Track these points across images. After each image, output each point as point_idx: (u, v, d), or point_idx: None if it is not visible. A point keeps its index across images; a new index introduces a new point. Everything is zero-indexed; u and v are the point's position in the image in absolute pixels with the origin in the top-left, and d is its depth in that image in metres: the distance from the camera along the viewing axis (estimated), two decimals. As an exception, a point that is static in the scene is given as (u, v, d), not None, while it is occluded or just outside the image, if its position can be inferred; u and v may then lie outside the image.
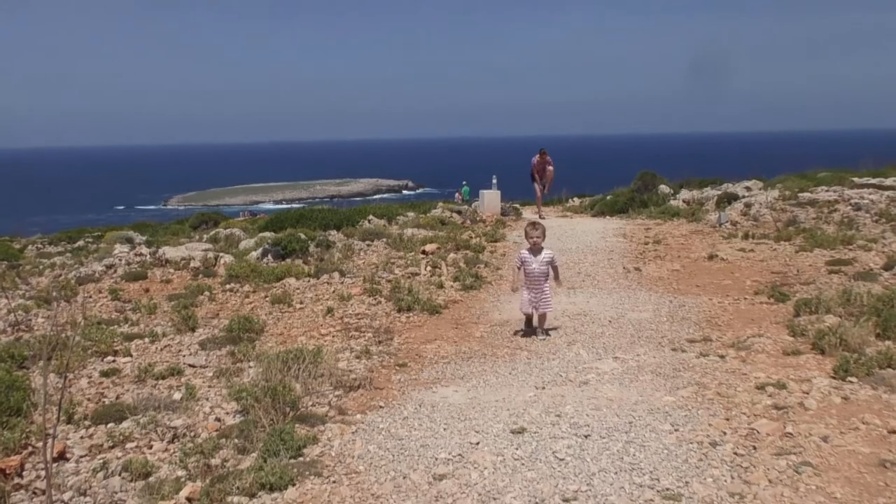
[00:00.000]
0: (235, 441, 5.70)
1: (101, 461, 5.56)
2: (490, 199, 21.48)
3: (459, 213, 20.08)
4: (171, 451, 5.76)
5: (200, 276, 12.89)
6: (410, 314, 9.77)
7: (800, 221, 15.69)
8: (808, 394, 5.99)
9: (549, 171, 21.07)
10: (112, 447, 5.90)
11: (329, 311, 9.93)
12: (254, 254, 14.21)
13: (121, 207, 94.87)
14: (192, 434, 6.08)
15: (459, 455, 5.15)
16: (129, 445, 5.93)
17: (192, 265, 13.62)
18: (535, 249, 8.66)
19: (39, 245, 21.91)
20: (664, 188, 22.98)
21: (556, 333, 8.64)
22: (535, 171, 21.11)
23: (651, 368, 7.07)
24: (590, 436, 5.41)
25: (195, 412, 6.54)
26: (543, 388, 6.65)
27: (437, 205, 22.05)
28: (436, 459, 5.09)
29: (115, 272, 13.52)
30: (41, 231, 28.11)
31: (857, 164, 21.93)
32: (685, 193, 21.76)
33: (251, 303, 10.85)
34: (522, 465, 4.97)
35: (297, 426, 5.70)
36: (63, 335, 8.37)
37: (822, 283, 10.28)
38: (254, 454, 5.35)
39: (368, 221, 17.99)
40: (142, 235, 20.51)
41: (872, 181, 18.08)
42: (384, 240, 15.65)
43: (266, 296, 11.07)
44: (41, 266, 15.38)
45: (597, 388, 6.55)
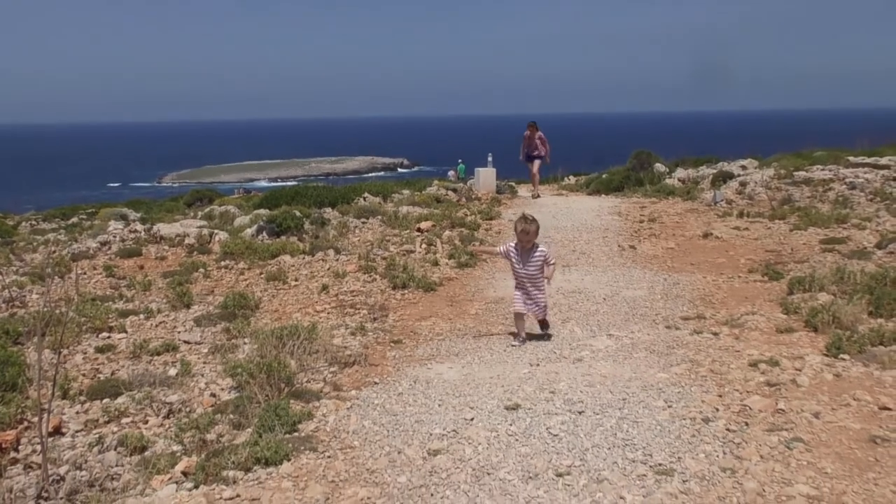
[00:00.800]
0: (231, 416, 5.72)
1: (97, 436, 5.58)
2: (486, 177, 21.43)
3: (455, 191, 20.04)
4: (167, 427, 5.78)
5: (195, 253, 12.88)
6: (405, 291, 9.78)
7: (795, 200, 15.70)
8: (801, 371, 6.02)
9: (541, 145, 20.44)
10: (107, 422, 5.92)
11: (324, 288, 9.94)
12: (249, 231, 14.19)
13: (114, 184, 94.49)
14: (188, 409, 6.10)
15: (454, 431, 5.18)
16: (125, 420, 5.94)
17: (187, 242, 13.60)
18: (524, 248, 7.37)
19: (33, 222, 21.85)
20: (660, 167, 22.94)
21: (551, 311, 8.64)
22: (525, 148, 20.69)
23: (645, 345, 7.10)
24: (583, 412, 5.44)
25: (190, 388, 6.56)
26: (538, 365, 6.67)
27: (433, 182, 21.99)
28: (430, 435, 5.12)
29: (110, 249, 13.49)
30: (35, 208, 28.02)
31: (854, 144, 21.90)
32: (680, 172, 21.73)
33: (246, 280, 10.85)
34: (516, 441, 5.00)
35: (292, 402, 5.72)
36: (57, 311, 8.36)
37: (816, 262, 10.31)
38: (249, 429, 5.36)
39: (363, 199, 17.95)
40: (136, 212, 20.42)
41: (868, 160, 18.06)
42: (379, 217, 15.64)
43: (261, 273, 11.07)
44: (35, 242, 15.34)
45: (591, 365, 6.58)
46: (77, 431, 5.75)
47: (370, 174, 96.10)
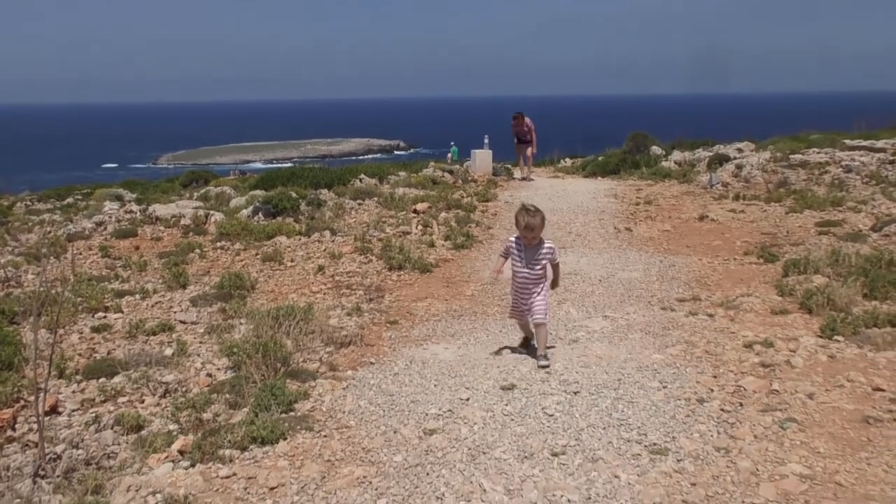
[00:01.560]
0: (227, 396, 5.73)
1: (93, 415, 5.59)
2: (482, 159, 21.37)
3: (451, 173, 19.99)
4: (163, 406, 5.79)
5: (191, 234, 12.85)
6: (401, 272, 9.79)
7: (791, 183, 15.71)
8: (795, 352, 6.05)
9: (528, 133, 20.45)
10: (104, 401, 5.93)
11: (320, 269, 9.93)
12: (244, 212, 14.16)
13: (109, 165, 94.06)
14: (184, 389, 6.10)
15: (450, 410, 5.20)
16: (121, 400, 5.95)
17: (183, 223, 13.57)
18: (528, 245, 6.22)
19: (28, 202, 21.73)
20: (656, 149, 22.91)
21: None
22: (515, 135, 20.69)
23: (640, 327, 7.13)
24: (579, 392, 5.47)
25: (186, 368, 6.57)
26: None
27: (429, 164, 21.94)
28: (426, 415, 5.14)
29: (105, 229, 13.46)
30: (30, 188, 27.89)
31: (851, 127, 21.88)
32: (677, 155, 21.71)
33: (242, 260, 10.84)
34: (512, 421, 5.02)
35: (289, 382, 5.74)
36: (53, 291, 8.35)
37: (812, 244, 10.33)
38: (245, 409, 5.38)
39: (360, 180, 17.90)
40: (132, 193, 20.36)
41: (864, 143, 18.05)
42: (375, 199, 15.62)
43: (257, 253, 11.05)
44: (30, 223, 15.28)
45: (586, 346, 6.60)
46: (73, 410, 5.75)
47: (367, 156, 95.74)
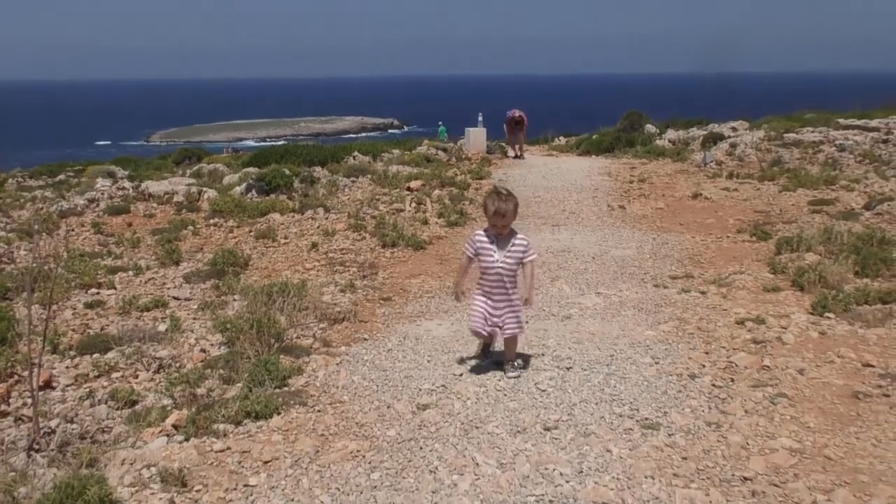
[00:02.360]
0: (220, 371, 5.74)
1: (87, 390, 5.60)
2: (476, 137, 21.32)
3: (445, 151, 19.95)
4: (157, 381, 5.80)
5: (184, 211, 12.82)
6: (395, 249, 9.79)
7: (784, 162, 15.72)
8: (787, 329, 6.09)
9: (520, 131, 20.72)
10: (98, 377, 5.94)
11: (314, 246, 9.93)
12: (238, 189, 14.13)
13: (103, 143, 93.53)
14: (178, 365, 6.12)
15: (443, 386, 5.22)
16: (115, 375, 5.97)
17: (176, 200, 13.54)
18: (499, 235, 5.32)
19: (20, 179, 21.61)
20: (650, 128, 22.91)
21: (541, 269, 8.65)
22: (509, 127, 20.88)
23: (633, 304, 7.15)
24: (571, 368, 5.49)
25: (180, 343, 6.58)
26: (526, 322, 6.69)
27: (423, 142, 21.89)
28: (419, 390, 5.16)
29: (98, 206, 13.42)
30: (21, 165, 27.72)
31: (845, 106, 21.90)
32: (671, 133, 21.70)
33: (235, 237, 10.83)
34: (505, 396, 5.05)
35: (282, 357, 5.75)
36: (46, 267, 8.34)
37: (804, 222, 10.37)
38: (239, 384, 5.39)
39: (353, 158, 17.86)
40: (124, 170, 20.26)
41: (858, 122, 18.08)
42: (369, 176, 15.58)
43: (250, 230, 11.04)
44: (22, 199, 15.22)
45: (579, 323, 6.63)
46: (67, 386, 5.77)
47: (361, 134, 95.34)
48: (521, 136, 20.85)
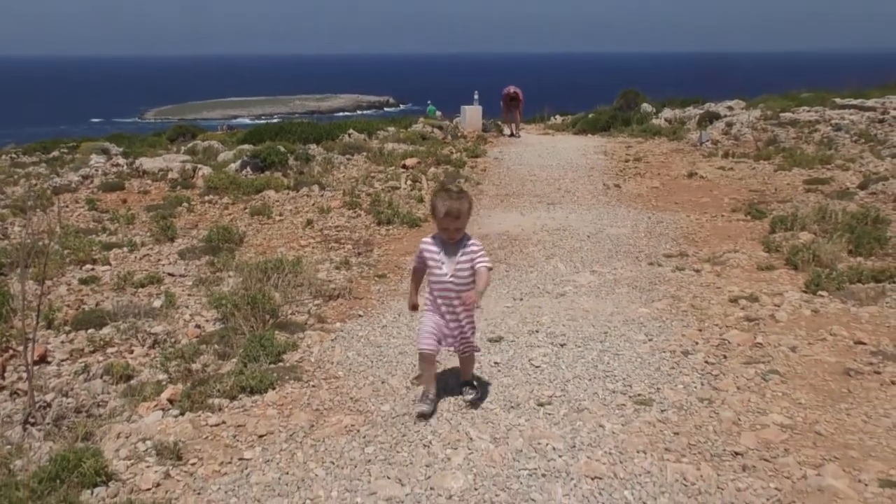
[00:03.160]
0: (216, 347, 5.75)
1: (83, 365, 5.60)
2: (471, 115, 21.26)
3: (440, 129, 19.90)
4: (152, 356, 5.80)
5: (178, 188, 12.78)
6: (390, 227, 9.79)
7: (780, 141, 15.71)
8: (780, 307, 6.12)
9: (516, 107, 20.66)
10: (93, 352, 5.94)
11: (309, 224, 9.92)
12: (232, 166, 14.08)
13: (97, 120, 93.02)
14: (173, 340, 6.12)
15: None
16: (110, 350, 5.96)
17: (170, 176, 13.49)
18: (450, 241, 4.43)
19: (13, 155, 21.52)
20: (646, 107, 22.88)
21: (536, 247, 8.67)
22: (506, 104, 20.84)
23: (628, 281, 7.18)
24: (565, 345, 5.52)
25: (175, 319, 6.58)
26: (521, 300, 6.74)
27: (419, 120, 21.83)
28: (414, 366, 5.17)
29: (92, 183, 13.38)
30: (14, 142, 27.58)
31: (841, 86, 21.86)
32: (667, 112, 21.68)
33: (230, 214, 10.81)
34: (499, 372, 5.07)
35: (277, 333, 5.76)
36: (40, 243, 8.32)
37: (799, 202, 10.38)
38: (234, 359, 5.41)
39: (348, 135, 17.80)
40: (118, 147, 20.18)
41: (854, 102, 18.06)
42: (364, 154, 15.55)
43: (245, 207, 11.02)
44: (16, 175, 15.16)
45: (573, 300, 6.65)
46: (62, 360, 5.77)
47: (356, 112, 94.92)
48: (518, 115, 20.80)
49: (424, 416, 4.36)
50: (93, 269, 8.15)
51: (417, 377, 4.86)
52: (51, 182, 13.39)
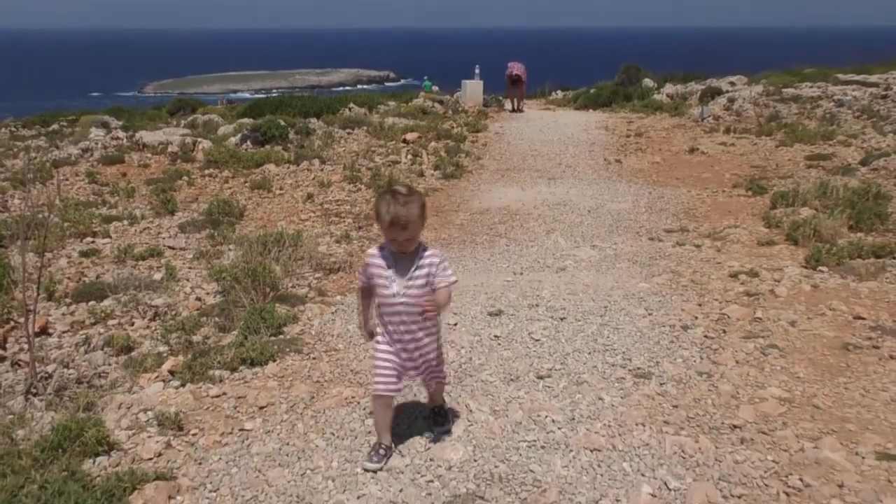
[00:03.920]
0: (216, 319, 5.77)
1: (84, 336, 5.62)
2: (472, 90, 21.17)
3: (441, 103, 19.82)
4: (153, 329, 5.82)
5: (178, 161, 12.76)
6: (390, 201, 9.77)
7: (782, 117, 15.66)
8: (780, 282, 6.12)
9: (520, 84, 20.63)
10: (94, 324, 5.96)
11: (309, 197, 9.91)
12: (233, 139, 14.04)
13: (95, 94, 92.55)
14: (173, 313, 6.14)
15: (437, 335, 5.25)
16: (111, 322, 5.99)
17: (170, 150, 13.46)
18: (402, 254, 3.50)
19: (13, 128, 21.46)
20: (648, 82, 22.77)
21: (536, 222, 8.67)
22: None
23: (628, 256, 7.18)
24: (565, 319, 5.53)
25: (176, 292, 6.59)
26: (521, 274, 6.74)
27: (419, 94, 21.74)
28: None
29: (92, 156, 13.34)
30: (13, 115, 27.47)
31: (844, 61, 21.75)
32: (669, 88, 21.58)
33: (230, 188, 10.79)
34: (499, 345, 5.09)
35: (278, 306, 5.77)
36: (40, 215, 8.31)
37: (800, 177, 10.36)
38: (234, 332, 5.43)
39: (349, 110, 17.74)
40: (118, 120, 20.12)
41: (857, 78, 17.98)
42: (365, 128, 15.51)
43: (245, 181, 11.00)
44: (15, 149, 15.12)
45: (574, 275, 6.65)
46: (63, 332, 5.79)
47: (356, 87, 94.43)
48: (520, 91, 20.76)
49: (377, 466, 3.62)
50: (93, 242, 8.16)
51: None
52: (50, 155, 13.35)
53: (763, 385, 4.35)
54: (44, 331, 5.69)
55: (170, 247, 8.03)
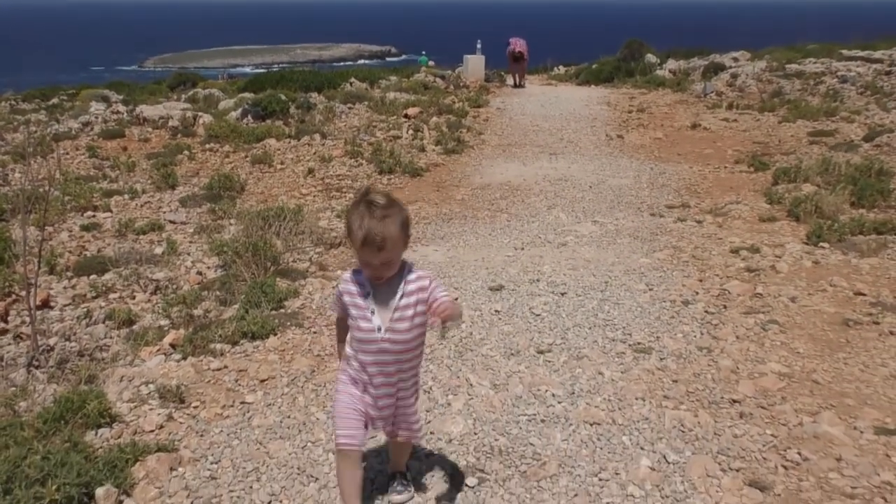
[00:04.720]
0: (217, 293, 5.77)
1: (85, 310, 5.64)
2: (474, 65, 21.05)
3: (443, 78, 19.72)
4: (154, 302, 5.83)
5: (179, 136, 12.72)
6: (392, 176, 9.76)
7: (785, 93, 15.58)
8: (781, 258, 6.12)
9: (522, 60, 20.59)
10: (95, 297, 5.97)
11: (310, 172, 9.89)
12: (233, 114, 13.99)
13: (96, 68, 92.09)
14: (175, 286, 6.14)
15: (438, 309, 5.25)
16: (112, 296, 6.00)
17: (171, 124, 13.41)
18: (380, 281, 2.71)
19: (13, 102, 21.35)
20: (651, 58, 22.62)
21: (537, 197, 8.65)
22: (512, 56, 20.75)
23: (629, 232, 7.17)
24: (566, 294, 5.53)
25: (177, 266, 6.60)
26: (522, 249, 6.74)
27: (420, 69, 21.62)
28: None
29: (92, 130, 13.30)
30: (13, 89, 27.35)
31: (848, 37, 21.60)
32: (672, 63, 21.45)
33: (231, 163, 10.77)
34: (500, 320, 5.09)
35: (278, 280, 5.77)
36: (41, 189, 8.30)
37: (803, 153, 10.33)
38: (235, 306, 5.43)
39: (350, 84, 17.67)
40: (118, 94, 20.02)
41: (861, 54, 17.86)
42: (366, 103, 15.43)
43: (246, 156, 10.97)
44: (15, 122, 15.06)
45: (575, 250, 6.65)
46: (65, 305, 5.80)
47: (358, 62, 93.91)
48: (522, 67, 20.69)
49: None
50: (94, 216, 8.15)
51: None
52: (51, 129, 13.31)
53: (763, 360, 4.36)
54: (45, 304, 5.70)
55: (171, 221, 8.03)
